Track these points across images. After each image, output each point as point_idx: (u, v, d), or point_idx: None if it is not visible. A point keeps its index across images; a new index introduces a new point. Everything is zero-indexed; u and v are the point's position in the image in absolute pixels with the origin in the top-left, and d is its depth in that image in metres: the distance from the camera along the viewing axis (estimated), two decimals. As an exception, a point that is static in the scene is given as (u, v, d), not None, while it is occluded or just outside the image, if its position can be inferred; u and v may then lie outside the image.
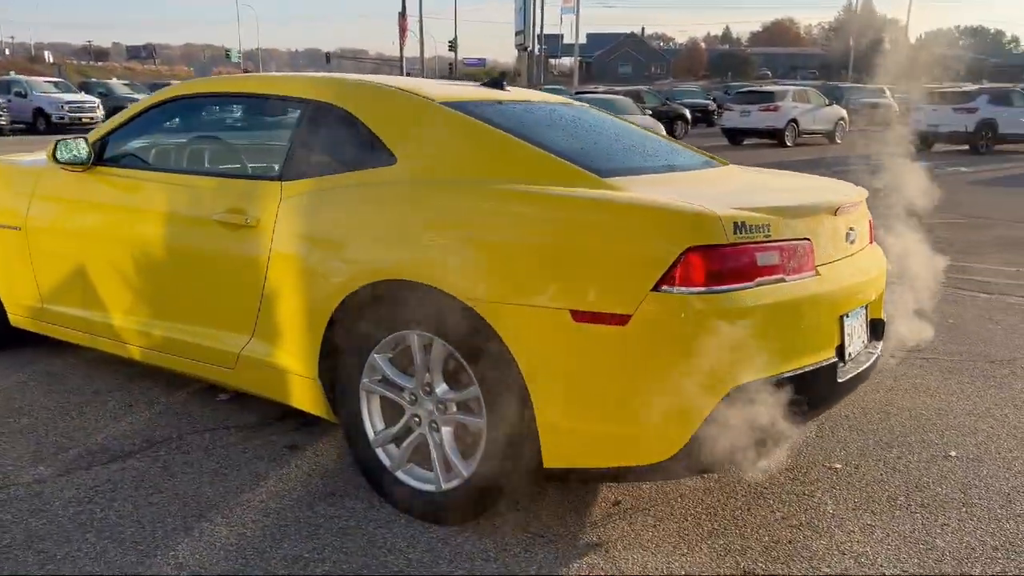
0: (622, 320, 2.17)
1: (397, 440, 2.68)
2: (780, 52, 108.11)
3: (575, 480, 2.49)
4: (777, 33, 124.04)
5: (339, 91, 2.97)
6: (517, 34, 47.27)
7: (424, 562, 2.39)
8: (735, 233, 2.20)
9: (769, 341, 2.24)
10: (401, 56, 46.18)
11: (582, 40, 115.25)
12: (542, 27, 51.95)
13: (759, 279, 2.25)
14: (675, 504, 2.76)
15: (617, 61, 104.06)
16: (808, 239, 2.44)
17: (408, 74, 44.04)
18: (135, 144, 3.63)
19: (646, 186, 2.53)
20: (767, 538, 2.55)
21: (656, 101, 25.00)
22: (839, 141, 23.06)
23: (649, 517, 2.67)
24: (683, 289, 2.14)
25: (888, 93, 25.74)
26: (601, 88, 35.99)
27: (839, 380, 2.51)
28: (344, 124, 2.90)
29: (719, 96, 36.78)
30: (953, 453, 3.19)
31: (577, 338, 2.22)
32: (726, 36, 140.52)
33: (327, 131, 2.95)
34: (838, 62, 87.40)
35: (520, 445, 2.38)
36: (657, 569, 2.38)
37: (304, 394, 2.86)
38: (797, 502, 2.78)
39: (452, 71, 59.35)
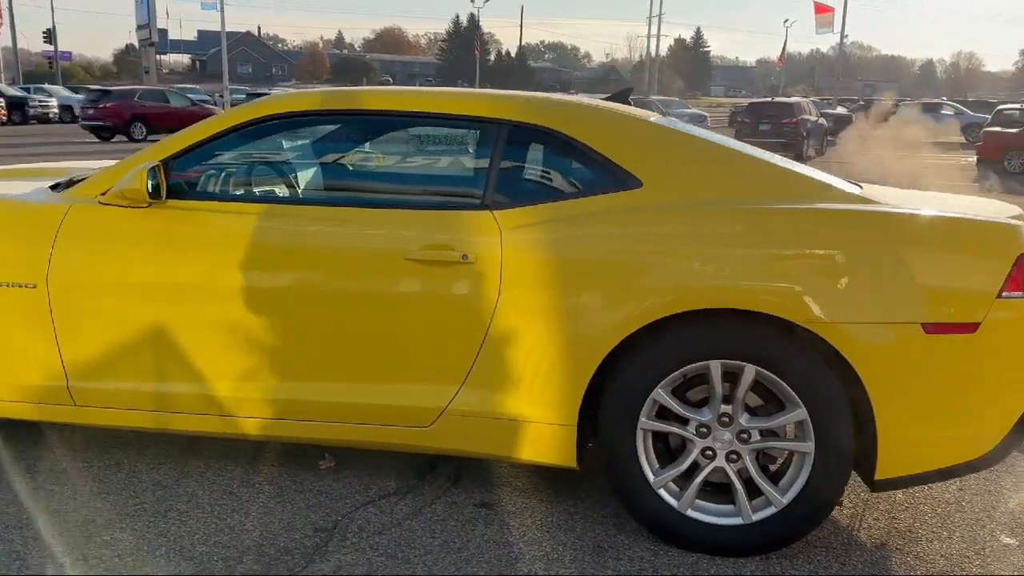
0: (972, 328, 2.35)
1: (682, 477, 2.57)
2: (398, 60, 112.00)
3: (900, 486, 2.61)
4: (388, 41, 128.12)
5: (543, 111, 2.72)
6: (140, 28, 43.40)
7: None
8: None
9: None
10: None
11: (192, 36, 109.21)
12: (155, 20, 47.82)
13: None
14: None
15: (235, 60, 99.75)
16: None
17: None
18: (221, 171, 2.93)
19: (895, 200, 2.70)
20: None
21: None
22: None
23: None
24: (1020, 294, 2.38)
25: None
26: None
27: None
28: (561, 147, 2.69)
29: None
30: None
31: (928, 349, 2.36)
32: (340, 41, 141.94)
33: (539, 155, 2.70)
34: (458, 72, 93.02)
35: (848, 464, 2.44)
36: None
37: (542, 442, 2.59)
38: None
39: (53, 66, 52.23)
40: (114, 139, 23.37)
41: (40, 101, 31.12)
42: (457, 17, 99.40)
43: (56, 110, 31.12)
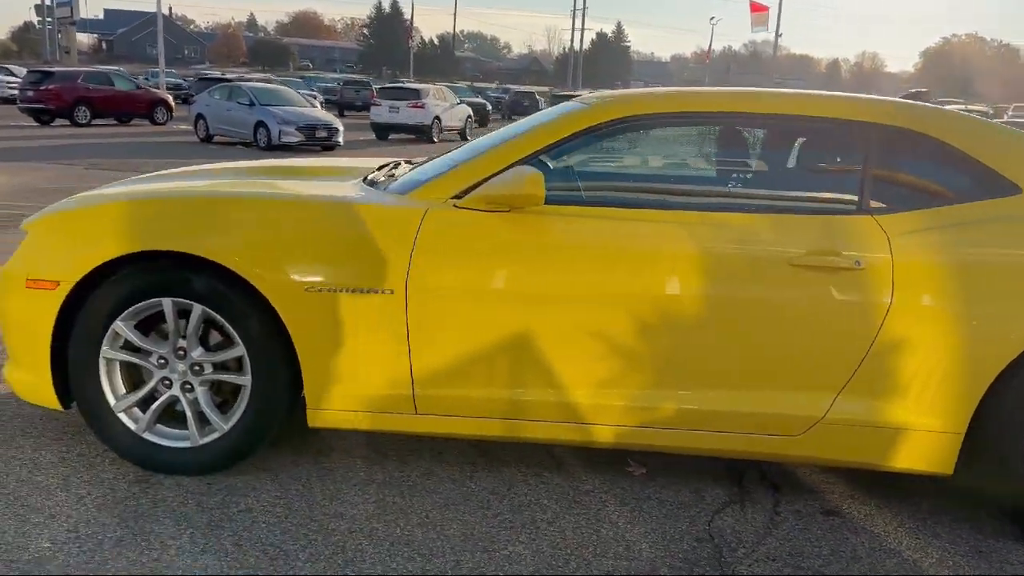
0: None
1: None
2: (316, 44, 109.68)
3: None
4: (304, 24, 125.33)
5: (916, 116, 2.73)
6: (60, 5, 41.22)
7: None
8: None
9: None
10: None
11: (99, 15, 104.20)
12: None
13: None
14: None
15: (145, 40, 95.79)
16: None
17: None
18: (577, 175, 2.83)
19: None
20: None
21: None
22: (469, 138, 24.58)
23: None
24: None
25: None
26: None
27: None
28: (935, 152, 2.70)
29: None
30: None
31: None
32: (252, 24, 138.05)
33: (913, 159, 2.71)
34: (381, 59, 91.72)
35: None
36: None
37: (923, 450, 2.61)
38: None
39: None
40: (54, 123, 22.20)
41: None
42: (380, 2, 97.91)
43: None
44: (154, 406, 2.82)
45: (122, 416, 2.83)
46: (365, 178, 3.21)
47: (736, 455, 2.74)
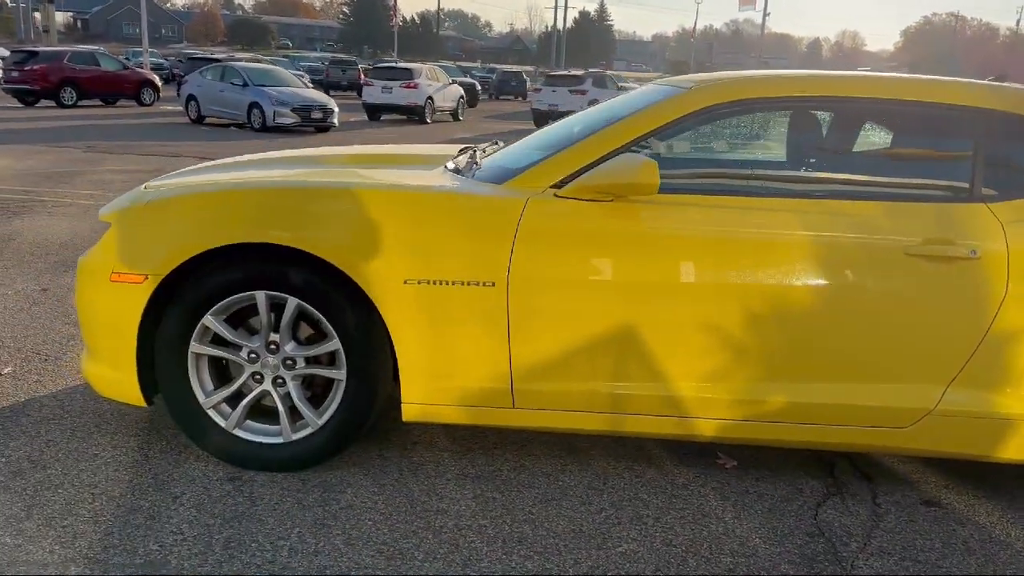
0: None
1: None
2: (295, 23, 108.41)
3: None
4: (281, 3, 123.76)
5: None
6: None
7: None
8: None
9: None
10: None
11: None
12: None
13: None
14: None
15: (121, 19, 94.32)
16: None
17: None
18: (681, 163, 2.76)
19: None
20: None
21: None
22: (461, 119, 24.42)
23: None
24: None
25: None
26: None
27: None
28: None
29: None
30: None
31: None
32: (229, 2, 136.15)
33: (1017, 145, 2.67)
34: (362, 38, 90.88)
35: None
36: None
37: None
38: None
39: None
40: (39, 104, 21.81)
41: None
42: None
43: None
44: (244, 401, 2.75)
45: (211, 413, 2.75)
46: (446, 166, 3.13)
47: (842, 448, 2.72)
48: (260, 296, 2.64)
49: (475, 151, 3.34)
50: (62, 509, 2.49)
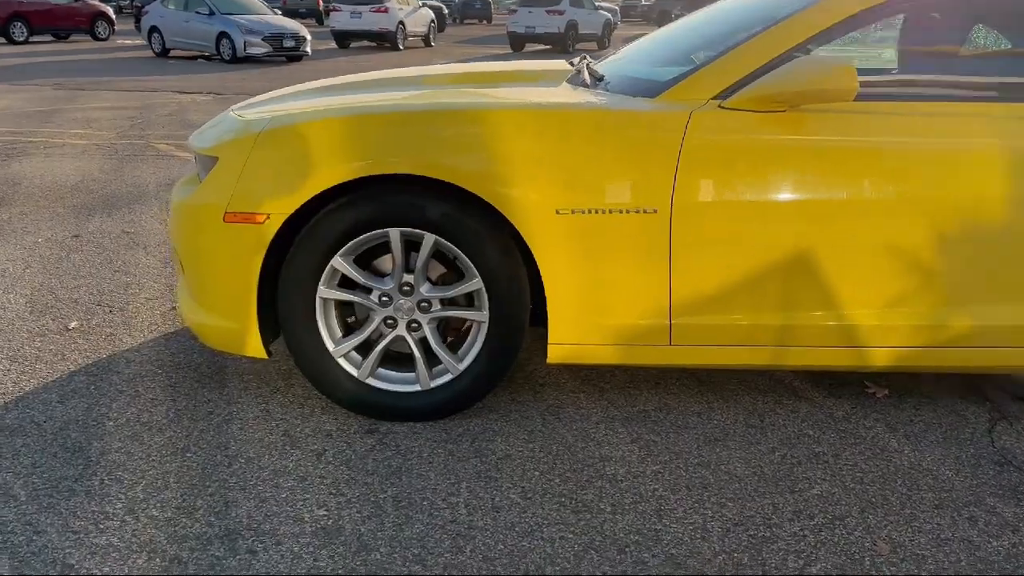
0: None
1: None
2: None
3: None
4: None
5: None
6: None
7: None
8: None
9: None
10: None
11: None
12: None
13: None
14: None
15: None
16: None
17: None
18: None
19: None
20: None
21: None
22: (434, 44, 23.68)
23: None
24: None
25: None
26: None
27: None
28: None
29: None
30: None
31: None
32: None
33: None
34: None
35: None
36: None
37: None
38: None
39: None
40: (-12, 39, 20.67)
41: None
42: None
43: None
44: (378, 348, 2.51)
45: (342, 361, 2.52)
46: (568, 80, 2.86)
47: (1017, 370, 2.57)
48: (394, 233, 2.39)
49: (585, 62, 3.06)
50: (201, 475, 2.26)
